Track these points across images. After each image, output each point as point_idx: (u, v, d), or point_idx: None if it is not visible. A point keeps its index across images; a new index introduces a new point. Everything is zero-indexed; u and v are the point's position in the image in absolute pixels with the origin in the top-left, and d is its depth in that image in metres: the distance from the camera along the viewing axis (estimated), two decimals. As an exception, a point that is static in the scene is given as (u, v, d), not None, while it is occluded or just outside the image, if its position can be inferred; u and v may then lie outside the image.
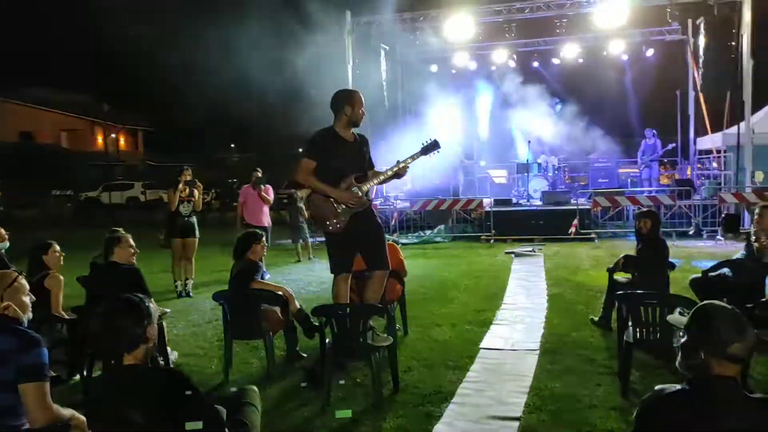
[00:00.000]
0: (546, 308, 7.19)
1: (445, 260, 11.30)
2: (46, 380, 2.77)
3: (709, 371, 2.12)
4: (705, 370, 2.11)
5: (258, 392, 3.04)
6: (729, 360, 2.08)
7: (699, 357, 2.13)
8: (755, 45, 13.42)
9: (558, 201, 14.94)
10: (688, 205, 13.70)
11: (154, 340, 2.51)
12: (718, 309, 2.21)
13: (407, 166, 5.05)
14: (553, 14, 15.63)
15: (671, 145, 17.11)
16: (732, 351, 2.09)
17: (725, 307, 2.22)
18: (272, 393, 4.69)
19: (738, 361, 2.10)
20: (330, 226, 4.85)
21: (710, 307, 2.23)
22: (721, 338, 2.11)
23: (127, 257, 5.21)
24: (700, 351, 2.13)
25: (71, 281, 6.44)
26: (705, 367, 2.11)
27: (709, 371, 2.12)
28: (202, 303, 8.07)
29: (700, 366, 2.13)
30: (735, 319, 2.14)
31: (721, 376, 2.09)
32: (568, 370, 5.02)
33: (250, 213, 10.01)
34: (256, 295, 5.10)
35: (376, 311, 4.67)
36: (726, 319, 2.14)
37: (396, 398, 4.52)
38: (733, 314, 2.18)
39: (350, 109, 4.89)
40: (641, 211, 6.34)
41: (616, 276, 6.21)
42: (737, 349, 2.10)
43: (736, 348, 2.10)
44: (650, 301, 4.46)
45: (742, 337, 2.10)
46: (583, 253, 11.44)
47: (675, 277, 7.05)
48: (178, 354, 5.67)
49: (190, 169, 8.82)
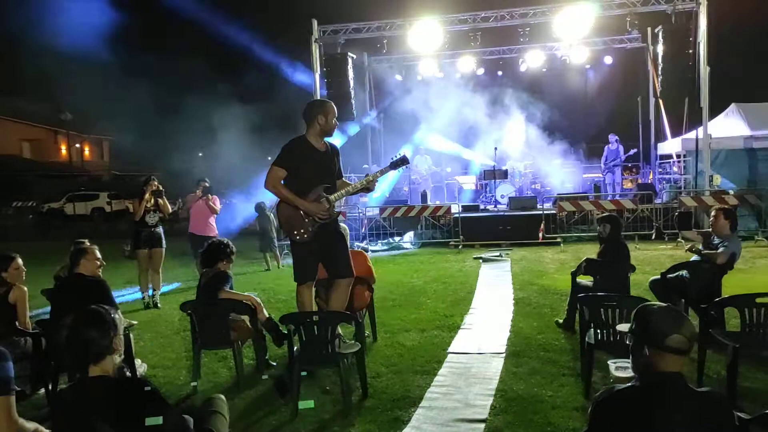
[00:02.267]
0: (512, 312, 7.32)
1: (414, 266, 11.39)
2: (11, 394, 2.76)
3: (655, 367, 2.23)
4: (650, 367, 2.23)
5: (225, 401, 3.07)
6: (670, 352, 2.20)
7: (644, 353, 2.25)
8: (711, 52, 13.87)
9: (524, 206, 15.16)
10: (649, 208, 14.03)
11: (120, 351, 2.52)
12: (654, 306, 2.37)
13: (376, 180, 5.15)
14: (517, 23, 15.89)
15: (633, 150, 17.53)
16: (671, 343, 2.22)
17: (662, 305, 2.37)
18: (241, 402, 4.71)
19: (680, 353, 2.22)
20: (298, 236, 4.91)
21: (647, 306, 2.39)
22: (658, 330, 2.24)
23: (93, 269, 5.17)
24: (644, 347, 2.25)
25: (35, 294, 6.35)
26: (650, 364, 2.23)
27: (654, 367, 2.23)
28: (169, 314, 8.01)
29: (646, 362, 2.24)
30: (670, 313, 2.29)
31: (667, 372, 2.20)
32: (533, 371, 5.13)
33: (195, 223, 9.76)
34: (224, 304, 5.11)
35: (344, 318, 4.72)
36: (661, 314, 2.28)
37: (365, 404, 4.57)
38: (668, 309, 2.33)
39: (323, 118, 4.96)
40: (601, 216, 6.51)
41: (579, 279, 6.36)
42: (676, 341, 2.22)
43: (675, 340, 2.22)
44: (610, 303, 4.59)
45: (678, 328, 2.23)
46: (549, 257, 11.64)
47: (636, 279, 7.26)
48: (147, 366, 5.64)
49: (156, 179, 8.74)
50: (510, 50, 19.29)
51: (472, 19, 16.01)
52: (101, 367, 2.45)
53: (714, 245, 5.93)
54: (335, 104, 5.38)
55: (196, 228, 9.65)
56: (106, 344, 2.45)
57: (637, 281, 7.48)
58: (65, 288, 5.20)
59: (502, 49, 19.33)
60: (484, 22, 16.00)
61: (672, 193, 15.04)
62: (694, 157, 14.59)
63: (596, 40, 18.01)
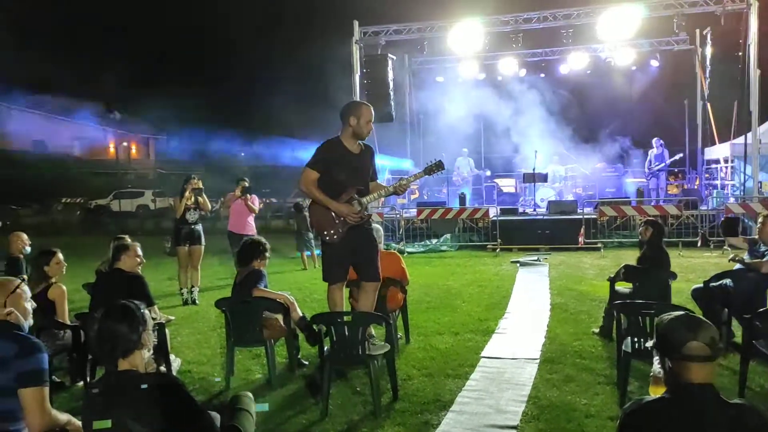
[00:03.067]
0: (548, 317, 7.21)
1: (450, 269, 11.33)
2: (45, 385, 2.83)
3: (682, 378, 2.16)
4: (677, 378, 2.16)
5: (253, 399, 3.09)
6: (691, 360, 2.13)
7: (666, 366, 2.19)
8: (761, 55, 13.41)
9: (564, 210, 14.93)
10: (695, 215, 13.65)
11: (149, 346, 2.57)
12: (670, 316, 2.29)
13: (408, 184, 5.15)
14: (560, 24, 15.67)
15: (679, 154, 17.07)
16: (689, 351, 2.15)
17: (679, 314, 2.30)
18: (272, 400, 4.73)
19: (702, 360, 2.14)
20: (328, 237, 4.93)
21: (664, 317, 2.31)
22: (676, 339, 2.18)
23: (133, 266, 5.29)
24: (665, 359, 2.18)
25: (79, 287, 6.55)
26: (676, 375, 2.17)
27: (681, 378, 2.16)
28: (207, 311, 8.13)
29: (671, 374, 2.17)
30: (686, 320, 2.22)
31: (695, 383, 2.13)
32: (568, 379, 5.03)
33: (234, 222, 9.85)
34: (257, 302, 5.15)
35: (374, 319, 4.71)
36: (677, 322, 2.22)
37: (395, 406, 4.56)
38: (684, 316, 2.26)
39: (355, 120, 4.95)
40: (645, 220, 6.36)
41: (618, 286, 6.23)
42: (695, 348, 2.15)
43: (693, 347, 2.15)
44: (648, 311, 4.47)
45: (695, 335, 2.16)
46: (588, 263, 11.44)
47: (679, 287, 7.08)
48: (182, 361, 5.73)
49: (197, 177, 8.90)
50: (552, 52, 19.01)
51: (514, 21, 15.84)
52: (130, 362, 2.49)
53: (760, 253, 5.73)
54: (374, 105, 5.37)
55: (235, 227, 9.78)
56: (135, 339, 2.50)
57: (679, 289, 7.29)
58: (105, 282, 5.33)
59: (544, 50, 19.08)
60: (526, 23, 15.83)
61: (719, 200, 14.60)
62: (742, 163, 14.14)
63: (642, 41, 17.60)
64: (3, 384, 2.76)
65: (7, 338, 2.85)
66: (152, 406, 2.38)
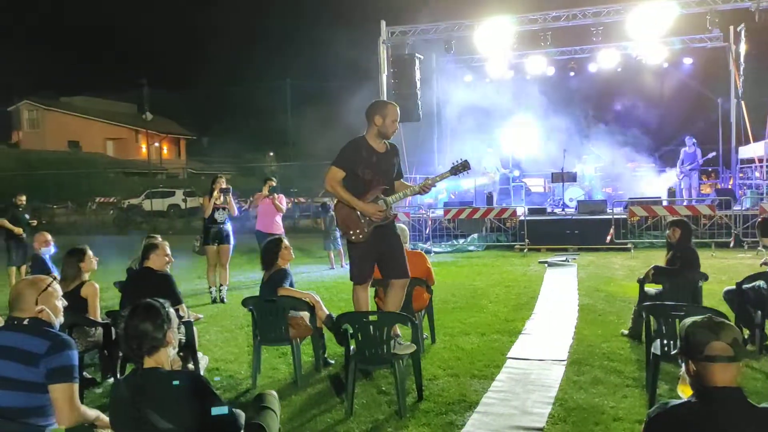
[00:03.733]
0: (576, 318, 7.13)
1: (477, 269, 11.27)
2: (75, 382, 2.89)
3: (707, 381, 2.13)
4: (702, 381, 2.12)
5: (277, 397, 3.12)
6: (713, 361, 2.09)
7: (691, 369, 2.16)
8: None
9: (594, 210, 14.74)
10: (728, 215, 13.36)
11: (174, 344, 2.61)
12: (694, 319, 2.27)
13: (434, 184, 5.13)
14: (589, 22, 15.46)
15: (712, 153, 16.73)
16: (711, 351, 2.11)
17: (702, 316, 2.27)
18: (298, 399, 4.78)
19: (725, 360, 2.10)
20: (353, 236, 4.94)
21: (687, 320, 2.28)
22: (698, 341, 2.15)
23: (162, 264, 5.37)
24: (689, 362, 2.15)
25: (111, 285, 6.67)
26: (700, 377, 2.13)
27: (706, 381, 2.13)
28: (235, 309, 8.22)
29: (695, 377, 2.14)
30: (708, 321, 2.19)
31: (720, 386, 2.09)
32: (595, 381, 4.97)
33: (262, 221, 9.96)
34: (282, 301, 5.20)
35: (399, 319, 4.72)
36: (699, 324, 2.19)
37: (419, 406, 4.55)
38: (707, 318, 2.22)
39: (381, 120, 4.94)
40: (671, 220, 6.24)
41: (648, 287, 6.13)
42: (717, 348, 2.12)
43: (715, 347, 2.12)
44: (678, 313, 4.39)
45: (716, 335, 2.13)
46: (618, 264, 11.28)
47: (711, 288, 6.93)
48: (209, 359, 5.80)
49: (224, 176, 9.01)
50: (582, 50, 18.79)
51: (543, 19, 15.68)
52: (155, 359, 2.54)
53: (795, 255, 5.59)
54: (401, 105, 5.35)
55: (263, 226, 9.88)
56: (160, 337, 2.54)
57: (711, 291, 7.14)
58: (134, 280, 5.43)
59: (573, 49, 18.86)
60: (555, 21, 15.64)
61: (753, 199, 14.26)
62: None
63: (673, 39, 17.27)
64: (33, 380, 2.83)
65: (38, 335, 2.92)
66: (176, 403, 2.42)
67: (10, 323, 3.03)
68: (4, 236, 10.75)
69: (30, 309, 3.02)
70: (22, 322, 2.99)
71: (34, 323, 2.98)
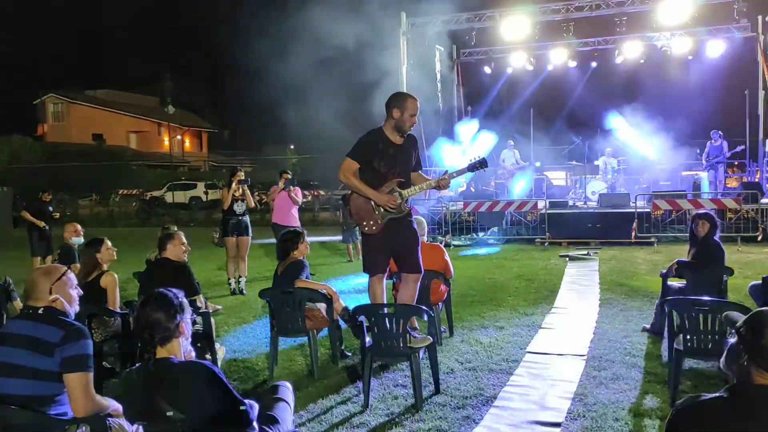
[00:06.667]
0: (597, 313, 7.02)
1: (497, 262, 11.18)
2: (89, 371, 2.89)
3: (750, 378, 2.01)
4: (745, 377, 2.00)
5: (290, 388, 3.10)
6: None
7: (742, 361, 2.02)
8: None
9: (616, 204, 14.52)
10: (755, 209, 13.08)
11: (187, 334, 2.59)
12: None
13: (450, 179, 5.07)
14: (613, 12, 15.20)
15: (740, 147, 16.39)
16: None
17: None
18: (314, 391, 4.76)
19: None
20: (367, 228, 4.90)
21: (767, 314, 2.07)
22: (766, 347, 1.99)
23: (179, 254, 5.38)
24: (744, 355, 2.01)
25: (131, 276, 6.72)
26: (745, 373, 2.01)
27: (749, 378, 2.01)
28: (254, 301, 8.24)
29: (740, 371, 2.02)
30: None
31: (761, 385, 1.98)
32: (616, 376, 4.88)
33: (278, 213, 9.94)
34: (299, 293, 5.18)
35: (415, 312, 4.67)
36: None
37: (436, 399, 4.51)
38: None
39: (399, 113, 4.87)
40: (698, 213, 6.08)
41: (671, 281, 6.01)
42: None
43: None
44: (701, 308, 4.29)
45: None
46: (641, 258, 11.10)
47: (737, 283, 6.80)
48: (227, 349, 5.81)
49: (243, 169, 9.02)
50: (605, 41, 18.48)
51: (565, 9, 15.45)
52: (167, 349, 2.53)
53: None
54: (420, 97, 5.28)
55: (279, 218, 9.89)
56: (173, 327, 2.53)
57: (737, 285, 7.01)
58: (152, 271, 5.45)
59: (596, 39, 18.56)
60: (578, 11, 15.40)
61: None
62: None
63: (700, 29, 16.92)
64: (48, 368, 2.84)
65: (53, 324, 2.92)
66: (188, 392, 2.41)
67: (25, 312, 3.04)
68: (27, 227, 10.92)
69: (44, 298, 3.03)
70: (37, 311, 3.00)
71: (49, 312, 2.99)
